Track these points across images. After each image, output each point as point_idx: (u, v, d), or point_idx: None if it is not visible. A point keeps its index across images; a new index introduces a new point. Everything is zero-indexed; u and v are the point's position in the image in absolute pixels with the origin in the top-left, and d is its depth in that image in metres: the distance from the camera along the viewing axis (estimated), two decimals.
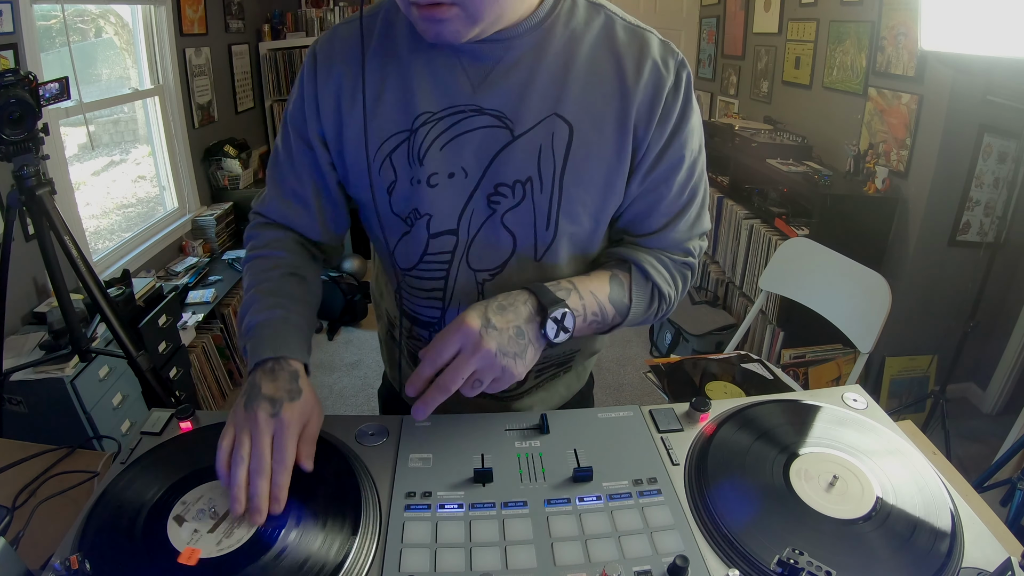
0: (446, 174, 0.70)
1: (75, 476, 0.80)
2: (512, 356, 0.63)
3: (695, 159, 0.77)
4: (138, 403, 2.08)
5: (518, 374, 0.65)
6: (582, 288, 0.71)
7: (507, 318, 0.64)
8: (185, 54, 3.15)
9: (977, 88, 2.12)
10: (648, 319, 0.81)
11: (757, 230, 2.75)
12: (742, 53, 3.66)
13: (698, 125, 0.77)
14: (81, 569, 0.52)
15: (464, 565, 0.57)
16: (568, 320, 0.67)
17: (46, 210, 1.62)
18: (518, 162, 0.69)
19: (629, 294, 0.75)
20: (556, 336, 0.67)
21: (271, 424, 0.61)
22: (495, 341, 0.62)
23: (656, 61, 0.70)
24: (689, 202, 0.78)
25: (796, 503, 0.62)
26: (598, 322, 0.73)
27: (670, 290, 0.79)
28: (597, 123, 0.69)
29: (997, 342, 2.45)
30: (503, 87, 0.68)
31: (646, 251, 0.78)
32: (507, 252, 0.74)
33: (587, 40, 0.70)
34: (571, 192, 0.71)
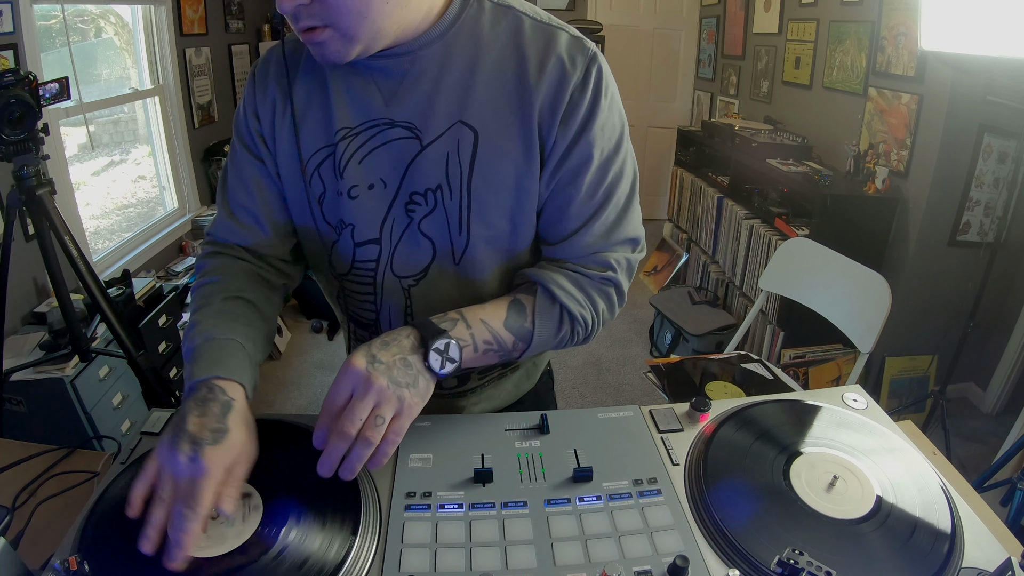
0: (366, 186, 0.73)
1: (75, 476, 0.80)
2: (405, 386, 0.62)
3: (608, 158, 0.72)
4: (138, 403, 2.08)
5: (415, 404, 0.63)
6: (471, 317, 0.69)
7: (391, 352, 0.63)
8: (185, 54, 3.15)
9: (977, 88, 2.12)
10: (562, 343, 0.75)
11: (757, 230, 2.75)
12: (742, 53, 3.66)
13: (613, 123, 0.72)
14: (80, 570, 0.52)
15: (464, 565, 0.57)
16: (453, 350, 0.66)
17: (46, 210, 1.62)
18: (428, 171, 0.71)
19: (532, 318, 0.72)
20: (442, 367, 0.65)
21: (188, 467, 0.56)
22: (384, 375, 0.61)
23: (561, 57, 0.68)
24: (603, 205, 0.73)
25: (796, 503, 0.62)
26: (495, 350, 0.70)
27: (583, 311, 0.73)
28: (502, 126, 0.69)
29: (997, 342, 2.45)
30: (411, 98, 0.70)
31: (559, 270, 0.74)
32: (428, 258, 0.76)
33: (493, 44, 0.69)
34: (481, 197, 0.71)
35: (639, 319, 3.44)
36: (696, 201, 3.47)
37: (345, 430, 0.59)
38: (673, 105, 4.65)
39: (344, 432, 0.59)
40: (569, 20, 3.43)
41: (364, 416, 0.60)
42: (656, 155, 4.76)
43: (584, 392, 2.80)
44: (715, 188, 3.26)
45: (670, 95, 4.64)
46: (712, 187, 3.29)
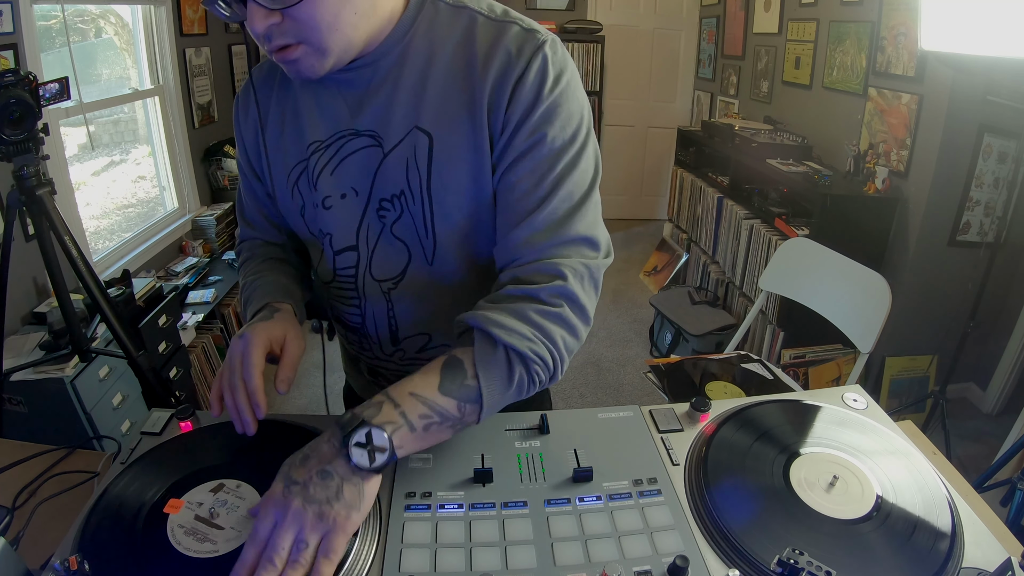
0: (338, 196, 0.75)
1: (75, 476, 0.80)
2: (325, 501, 0.56)
3: (559, 149, 0.68)
4: (138, 403, 2.08)
5: (344, 517, 0.56)
6: (398, 394, 0.62)
7: (308, 467, 0.58)
8: (185, 54, 3.15)
9: (977, 88, 2.12)
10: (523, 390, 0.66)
11: (757, 230, 2.75)
12: (742, 53, 3.66)
13: (567, 113, 0.69)
14: (80, 569, 0.52)
15: (464, 565, 0.57)
16: (378, 438, 0.58)
17: (46, 210, 1.62)
18: (391, 178, 0.72)
19: (474, 372, 0.63)
20: (372, 461, 0.58)
21: (239, 344, 0.70)
22: (298, 497, 0.56)
23: (508, 48, 0.67)
24: (549, 196, 0.68)
25: (796, 503, 0.62)
26: (438, 423, 0.62)
27: (534, 347, 0.64)
28: (454, 127, 0.69)
29: (997, 342, 2.45)
30: (373, 107, 0.71)
31: (497, 307, 0.66)
32: (404, 261, 0.76)
33: (446, 45, 0.70)
34: (440, 199, 0.71)
35: (639, 319, 3.44)
36: (696, 201, 3.47)
37: (271, 559, 0.53)
38: (673, 105, 4.65)
39: (271, 562, 0.53)
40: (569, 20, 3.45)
41: (286, 545, 0.54)
42: (656, 155, 4.76)
43: (584, 392, 2.80)
44: (715, 188, 3.26)
45: (670, 95, 4.64)
46: (712, 187, 3.29)
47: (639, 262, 4.18)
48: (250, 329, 0.72)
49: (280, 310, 0.77)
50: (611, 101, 4.56)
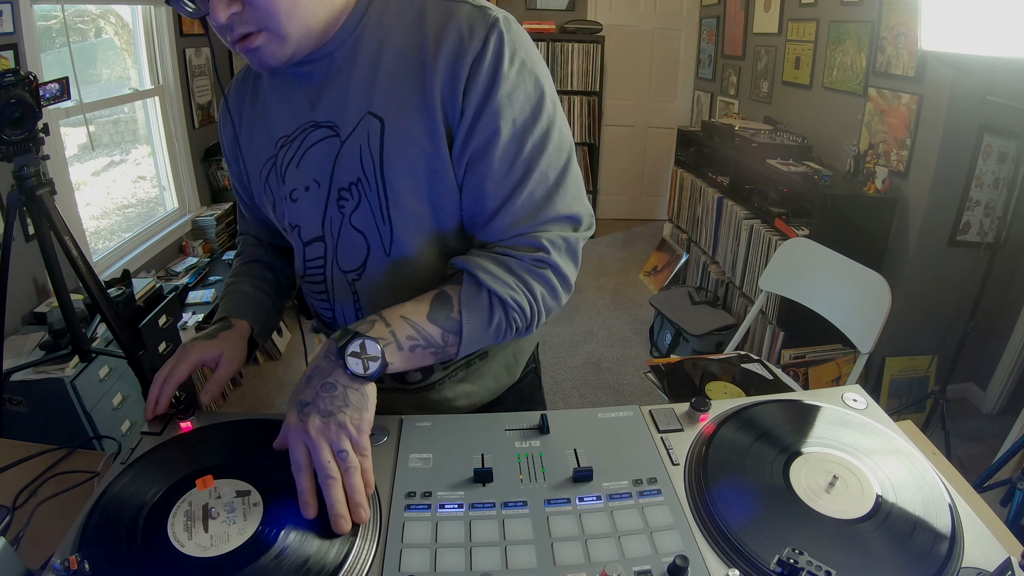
0: (303, 188, 0.77)
1: (75, 476, 0.80)
2: (337, 411, 0.62)
3: (523, 129, 0.68)
4: (138, 403, 2.08)
5: (358, 419, 0.63)
6: (390, 316, 0.68)
7: (311, 385, 0.64)
8: (185, 54, 3.15)
9: (977, 88, 2.12)
10: (500, 333, 0.71)
11: (757, 230, 2.75)
12: (742, 53, 3.66)
13: (526, 91, 0.68)
14: (80, 569, 0.52)
15: (464, 565, 0.57)
16: (371, 348, 0.64)
17: (46, 210, 1.62)
18: (348, 166, 0.73)
19: (458, 308, 0.69)
20: (366, 369, 0.64)
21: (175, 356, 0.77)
22: (314, 415, 0.62)
23: (460, 27, 0.67)
24: (523, 180, 0.69)
25: (796, 503, 0.62)
26: (422, 346, 0.68)
27: (514, 295, 0.69)
28: (405, 111, 0.69)
29: (997, 342, 2.45)
30: (329, 98, 0.73)
31: (486, 255, 0.70)
32: (363, 252, 0.77)
33: (397, 30, 0.70)
34: (394, 185, 0.71)
35: (639, 319, 3.44)
36: (696, 201, 3.47)
37: (330, 476, 0.59)
38: (673, 105, 4.65)
39: (330, 478, 0.59)
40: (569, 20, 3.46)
41: (331, 458, 0.60)
42: (656, 155, 4.76)
43: (584, 392, 2.80)
44: (715, 188, 3.26)
45: (670, 95, 4.64)
46: (712, 187, 3.29)
47: (639, 262, 4.18)
48: (190, 345, 0.79)
49: (232, 327, 0.83)
50: (611, 101, 4.56)
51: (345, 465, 0.61)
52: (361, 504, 0.60)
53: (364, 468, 0.62)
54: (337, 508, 0.59)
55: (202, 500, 0.62)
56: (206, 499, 0.62)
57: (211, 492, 0.63)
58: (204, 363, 0.79)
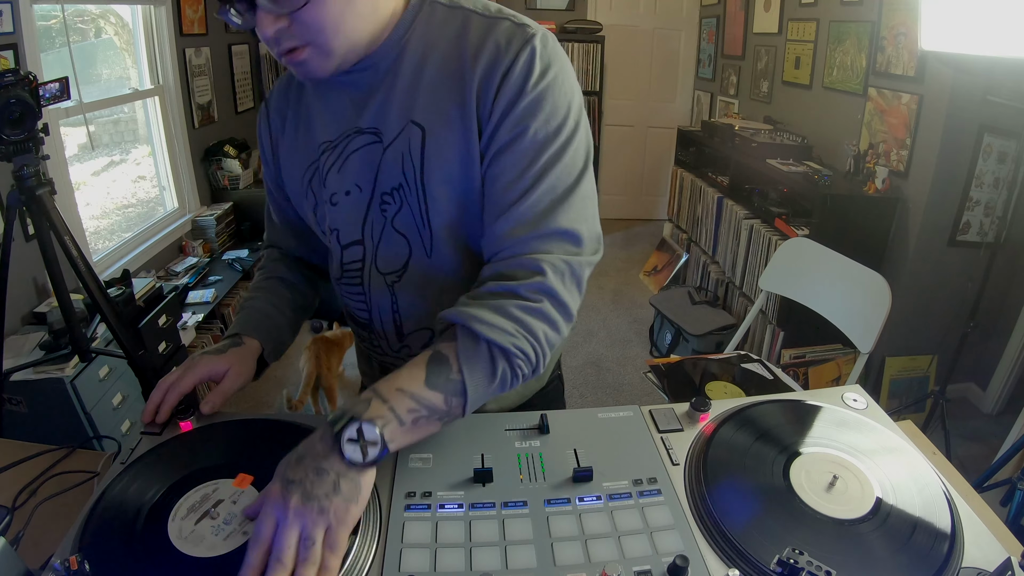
0: (343, 192, 0.79)
1: (75, 476, 0.80)
2: (324, 497, 0.57)
3: (543, 141, 0.69)
4: (138, 403, 2.08)
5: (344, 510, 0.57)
6: (385, 390, 0.63)
7: (303, 466, 0.59)
8: (185, 54, 3.15)
9: (977, 88, 2.12)
10: (506, 384, 0.67)
11: (757, 230, 2.75)
12: (742, 53, 3.66)
13: (553, 106, 0.69)
14: (80, 569, 0.52)
15: (464, 565, 0.57)
16: (369, 432, 0.59)
17: (46, 210, 1.62)
18: (390, 171, 0.74)
19: (458, 367, 0.65)
20: (365, 455, 0.59)
21: (182, 368, 0.78)
22: (297, 494, 0.57)
23: (497, 42, 0.69)
24: (531, 188, 0.68)
25: (796, 503, 0.62)
26: (426, 416, 0.64)
27: (516, 341, 0.65)
28: (445, 119, 0.71)
29: (997, 342, 2.45)
30: (373, 105, 0.75)
31: (479, 303, 0.67)
32: (405, 254, 0.78)
33: (441, 43, 0.72)
34: (434, 191, 0.73)
35: (639, 319, 3.44)
36: (696, 201, 3.47)
37: (281, 559, 0.54)
38: (673, 105, 4.65)
39: (278, 562, 0.54)
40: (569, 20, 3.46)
41: (293, 544, 0.55)
42: (656, 155, 4.76)
43: (584, 392, 2.80)
44: (715, 188, 3.26)
45: (670, 95, 4.64)
46: (712, 187, 3.29)
47: (639, 262, 4.18)
48: (199, 358, 0.80)
49: (243, 344, 0.84)
50: (611, 101, 4.56)
51: (304, 555, 0.55)
52: None
53: (325, 566, 0.56)
54: None
55: (221, 495, 0.62)
56: (224, 496, 0.62)
57: (235, 493, 0.63)
58: (211, 377, 0.79)
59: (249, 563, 0.54)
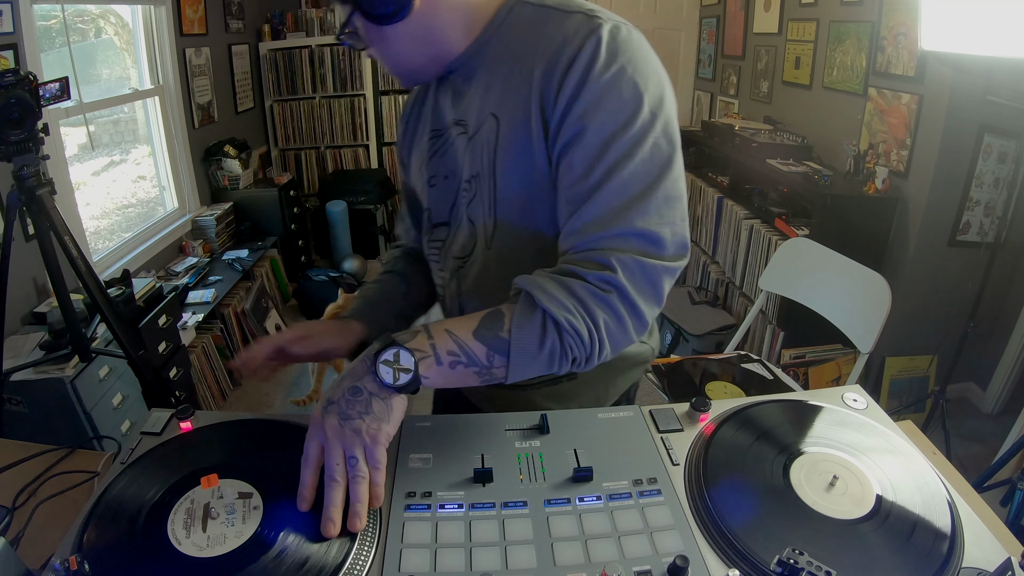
0: (441, 176, 0.84)
1: (75, 476, 0.80)
2: (357, 416, 0.61)
3: (610, 136, 0.66)
4: (138, 403, 2.08)
5: (377, 430, 0.62)
6: (435, 328, 0.66)
7: (342, 385, 0.64)
8: (185, 54, 3.15)
9: (977, 88, 2.12)
10: (554, 359, 0.66)
11: (757, 230, 2.75)
12: (742, 53, 3.66)
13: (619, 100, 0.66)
14: (80, 570, 0.52)
15: (464, 565, 0.57)
16: (404, 359, 0.62)
17: (46, 210, 1.62)
18: (472, 161, 0.78)
19: (509, 327, 0.65)
20: (396, 379, 0.62)
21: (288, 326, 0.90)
22: (333, 414, 0.62)
23: (565, 34, 0.68)
24: (600, 186, 0.66)
25: (796, 503, 0.62)
26: (464, 363, 0.64)
27: (572, 318, 0.64)
28: (514, 110, 0.72)
29: (997, 342, 2.45)
30: (465, 99, 0.80)
31: (549, 275, 0.67)
32: (472, 242, 0.82)
33: (520, 39, 0.74)
34: (501, 181, 0.75)
35: None
36: (696, 201, 3.47)
37: (334, 479, 0.59)
38: None
39: (334, 481, 0.59)
40: None
41: (340, 462, 0.60)
42: None
43: None
44: (715, 188, 3.26)
45: None
46: (712, 187, 3.29)
47: None
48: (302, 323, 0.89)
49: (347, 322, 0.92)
50: None
51: (352, 472, 0.60)
52: (359, 514, 0.59)
53: (373, 481, 0.61)
54: (331, 511, 0.58)
55: (204, 499, 0.62)
56: (208, 498, 0.62)
57: (214, 491, 0.63)
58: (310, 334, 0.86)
59: (304, 481, 0.61)
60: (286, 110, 4.22)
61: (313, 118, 4.24)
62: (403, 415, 0.65)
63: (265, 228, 3.53)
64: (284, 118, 4.24)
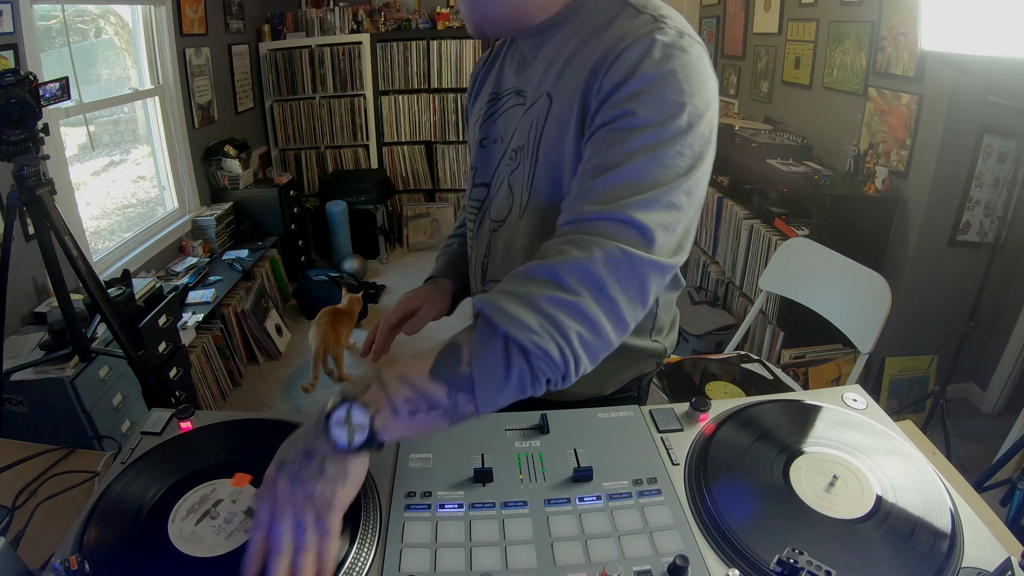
0: (492, 140, 0.90)
1: (75, 476, 0.80)
2: (310, 480, 0.57)
3: (638, 128, 0.64)
4: (138, 403, 2.08)
5: (331, 494, 0.57)
6: (387, 376, 0.61)
7: (296, 447, 0.59)
8: (185, 54, 3.15)
9: (977, 88, 2.12)
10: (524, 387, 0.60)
11: (757, 230, 2.75)
12: (742, 53, 3.66)
13: (664, 98, 0.65)
14: (80, 569, 0.52)
15: (464, 565, 0.57)
16: (358, 416, 0.58)
17: (46, 210, 1.62)
18: (520, 132, 0.82)
19: (468, 361, 0.60)
20: (352, 440, 0.57)
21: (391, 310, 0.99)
22: (285, 478, 0.57)
23: (627, 29, 0.69)
24: (613, 168, 0.64)
25: (796, 503, 0.62)
26: (423, 409, 0.59)
27: (539, 339, 0.58)
28: (568, 93, 0.74)
29: (997, 342, 2.45)
30: (527, 72, 0.84)
31: (510, 290, 0.62)
32: (507, 208, 0.85)
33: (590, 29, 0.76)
34: (543, 156, 0.78)
35: None
36: None
37: (276, 549, 0.55)
38: None
39: (276, 551, 0.54)
40: None
41: (288, 529, 0.55)
42: None
43: None
44: (715, 188, 3.26)
45: None
46: (712, 187, 3.29)
47: None
48: (400, 299, 0.99)
49: (436, 283, 1.03)
50: None
51: (299, 542, 0.55)
52: None
53: (321, 552, 0.56)
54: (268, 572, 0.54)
55: (220, 495, 0.62)
56: (224, 496, 0.62)
57: (234, 492, 0.63)
58: (412, 310, 0.97)
59: (252, 546, 0.56)
60: (286, 110, 4.22)
61: (313, 118, 4.24)
62: (363, 476, 0.60)
63: (265, 228, 3.53)
64: (284, 118, 4.24)
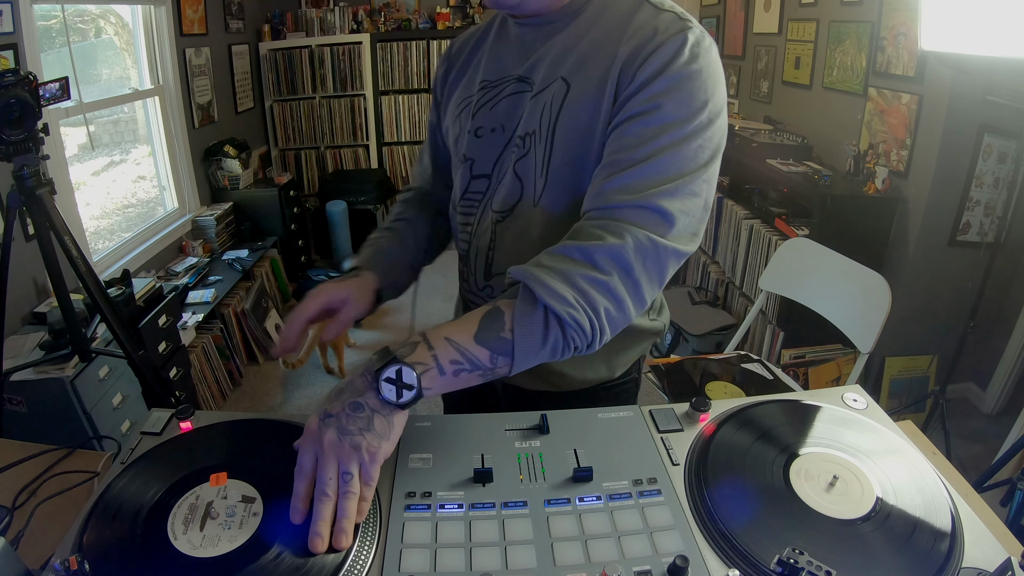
0: (489, 128, 0.86)
1: (75, 476, 0.80)
2: (357, 432, 0.61)
3: (668, 123, 0.70)
4: (138, 403, 2.08)
5: (376, 447, 0.61)
6: (434, 337, 0.65)
7: (342, 399, 0.63)
8: (185, 54, 3.15)
9: (977, 88, 2.12)
10: (557, 352, 0.68)
11: (757, 230, 2.75)
12: (742, 53, 3.66)
13: (689, 95, 0.70)
14: (80, 569, 0.52)
15: (464, 565, 0.57)
16: (407, 376, 0.62)
17: (46, 210, 1.62)
18: (529, 118, 0.81)
19: (511, 327, 0.66)
20: (400, 396, 0.62)
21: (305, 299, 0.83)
22: (332, 428, 0.61)
23: (655, 26, 0.73)
24: (644, 161, 0.69)
25: (796, 503, 0.62)
26: (468, 370, 0.65)
27: (574, 312, 0.65)
28: (587, 82, 0.76)
29: (997, 342, 2.45)
30: (534, 58, 0.82)
31: (549, 263, 0.68)
32: (516, 197, 0.83)
33: (609, 19, 0.78)
34: (559, 143, 0.78)
35: None
36: None
37: (324, 493, 0.58)
38: None
39: (324, 495, 0.58)
40: None
41: (333, 476, 0.59)
42: None
43: None
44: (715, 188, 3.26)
45: None
46: None
47: None
48: (319, 287, 0.86)
49: (361, 276, 0.90)
50: None
51: (344, 488, 0.59)
52: (346, 531, 0.58)
53: (363, 497, 0.60)
54: (319, 526, 0.57)
55: (209, 497, 0.62)
56: (213, 496, 0.62)
57: (219, 491, 0.63)
58: (331, 303, 0.84)
59: (297, 492, 0.59)
60: (286, 110, 4.22)
61: (313, 118, 4.25)
62: (402, 430, 0.65)
63: (265, 228, 3.53)
64: (284, 118, 4.24)
